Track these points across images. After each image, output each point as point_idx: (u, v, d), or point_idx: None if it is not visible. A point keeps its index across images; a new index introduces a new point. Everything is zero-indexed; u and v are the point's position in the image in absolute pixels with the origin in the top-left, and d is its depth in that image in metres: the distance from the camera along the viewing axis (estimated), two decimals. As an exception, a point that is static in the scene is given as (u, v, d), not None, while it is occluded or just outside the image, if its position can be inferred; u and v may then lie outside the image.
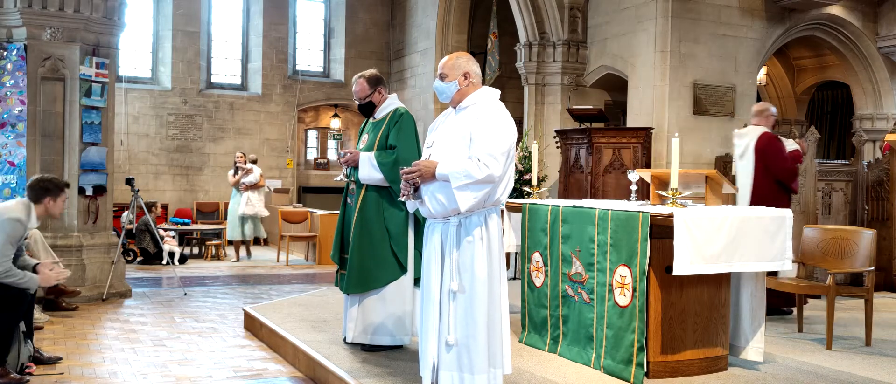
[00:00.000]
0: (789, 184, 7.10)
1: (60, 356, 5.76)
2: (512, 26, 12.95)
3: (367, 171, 5.27)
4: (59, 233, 8.36)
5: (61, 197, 5.46)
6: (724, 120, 10.65)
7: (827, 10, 11.61)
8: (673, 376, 4.74)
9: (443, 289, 3.93)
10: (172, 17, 16.12)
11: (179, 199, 16.23)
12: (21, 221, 5.17)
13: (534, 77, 12.18)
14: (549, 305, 5.43)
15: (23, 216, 5.20)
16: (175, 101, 16.20)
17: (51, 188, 5.40)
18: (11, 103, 8.26)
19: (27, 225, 5.24)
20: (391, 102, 5.50)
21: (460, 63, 3.99)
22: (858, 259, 5.99)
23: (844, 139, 15.09)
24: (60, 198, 5.45)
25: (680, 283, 4.72)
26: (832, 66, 13.81)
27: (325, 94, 17.65)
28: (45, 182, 5.43)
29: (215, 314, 7.90)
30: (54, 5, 8.29)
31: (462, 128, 3.90)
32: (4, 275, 5.04)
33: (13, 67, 8.27)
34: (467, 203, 3.76)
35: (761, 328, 5.07)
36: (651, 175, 5.51)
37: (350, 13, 17.55)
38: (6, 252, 5.05)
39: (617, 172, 9.74)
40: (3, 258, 5.03)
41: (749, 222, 4.71)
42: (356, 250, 5.34)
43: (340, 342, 5.66)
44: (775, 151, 7.05)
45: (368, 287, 5.33)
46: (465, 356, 3.85)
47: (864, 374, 5.02)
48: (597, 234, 4.95)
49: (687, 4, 10.39)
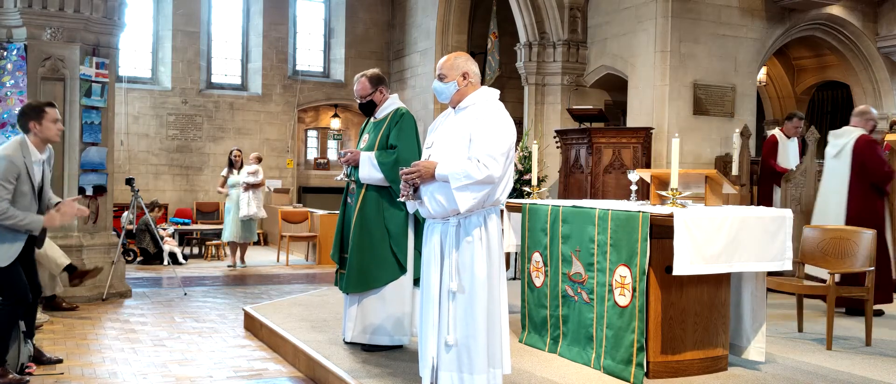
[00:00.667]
0: (884, 186, 7.34)
1: (61, 357, 5.72)
2: (512, 26, 12.95)
3: (367, 170, 5.27)
4: (59, 232, 8.36)
5: (46, 117, 5.08)
6: (724, 120, 10.65)
7: (827, 10, 11.61)
8: (673, 376, 4.74)
9: (442, 290, 3.93)
10: (172, 17, 16.12)
11: (179, 199, 16.23)
12: (10, 158, 4.91)
13: (534, 77, 12.18)
14: (548, 305, 5.43)
15: (13, 152, 4.96)
16: (175, 101, 16.20)
17: (28, 111, 5.09)
18: (11, 103, 8.26)
19: (23, 160, 4.97)
20: (392, 102, 5.50)
21: (459, 63, 3.99)
22: (858, 259, 5.98)
23: (844, 139, 15.07)
24: (45, 118, 5.08)
25: (680, 283, 4.72)
26: (832, 66, 13.81)
27: (325, 94, 17.65)
28: (23, 108, 5.15)
29: (215, 314, 7.90)
30: (54, 5, 8.29)
31: (462, 128, 3.90)
32: (3, 219, 4.85)
33: (13, 67, 8.26)
34: (467, 203, 3.76)
35: (762, 328, 5.07)
36: (651, 175, 5.51)
37: (350, 13, 17.55)
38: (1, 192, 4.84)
39: (617, 172, 9.74)
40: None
41: (749, 222, 4.71)
42: (356, 250, 5.33)
43: (340, 342, 5.65)
44: (874, 155, 7.25)
45: (368, 287, 5.33)
46: (465, 356, 3.85)
47: (864, 374, 5.02)
48: (597, 234, 4.95)
49: (687, 4, 10.39)
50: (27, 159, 4.99)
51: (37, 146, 5.08)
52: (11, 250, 5.04)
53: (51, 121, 5.10)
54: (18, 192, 4.95)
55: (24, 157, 4.97)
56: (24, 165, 4.96)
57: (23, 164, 4.95)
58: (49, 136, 5.11)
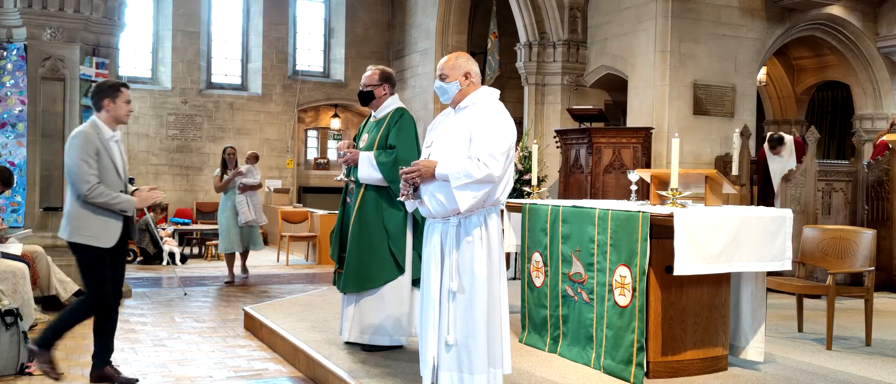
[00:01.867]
0: None
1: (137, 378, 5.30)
2: (512, 26, 12.95)
3: (366, 170, 5.27)
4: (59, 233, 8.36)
5: (120, 96, 4.97)
6: (724, 120, 10.65)
7: (827, 10, 11.61)
8: (673, 376, 4.74)
9: (442, 290, 3.93)
10: (172, 17, 16.11)
11: (179, 199, 16.23)
12: (84, 133, 4.81)
13: (534, 77, 12.18)
14: (548, 305, 5.43)
15: (88, 129, 4.85)
16: (175, 101, 16.20)
17: (105, 89, 4.97)
18: (11, 103, 8.26)
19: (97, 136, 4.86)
20: (392, 102, 5.50)
21: (460, 63, 4.00)
22: (858, 259, 5.99)
23: (844, 139, 15.09)
24: (119, 97, 4.96)
25: (680, 283, 4.72)
26: (832, 66, 13.81)
27: (325, 94, 17.65)
28: (98, 85, 5.02)
29: (215, 314, 7.90)
30: (54, 5, 8.29)
31: (462, 127, 3.90)
32: (95, 195, 4.72)
33: (13, 67, 8.27)
34: (467, 203, 3.76)
35: (761, 328, 5.07)
36: (651, 175, 5.51)
37: (350, 13, 17.55)
38: (84, 168, 4.72)
39: (617, 172, 9.74)
40: (85, 174, 4.70)
41: (749, 222, 4.71)
42: (354, 250, 5.33)
43: (340, 342, 5.65)
44: None
45: (366, 286, 5.33)
46: (465, 356, 3.85)
47: (864, 374, 5.02)
48: (597, 234, 4.95)
49: (687, 4, 10.39)
50: (101, 136, 4.89)
51: (108, 124, 4.98)
52: (112, 231, 4.90)
53: (124, 100, 5.02)
54: (102, 168, 4.83)
55: (97, 134, 4.88)
56: (99, 141, 4.85)
57: (98, 141, 4.85)
58: (120, 116, 5.01)
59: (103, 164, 4.84)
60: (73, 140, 4.83)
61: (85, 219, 4.82)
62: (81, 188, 4.74)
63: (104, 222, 4.86)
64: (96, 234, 4.84)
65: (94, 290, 4.93)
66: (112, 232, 4.90)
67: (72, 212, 4.85)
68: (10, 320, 5.30)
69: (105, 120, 4.95)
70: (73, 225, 4.84)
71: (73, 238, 4.85)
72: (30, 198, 8.32)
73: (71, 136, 4.88)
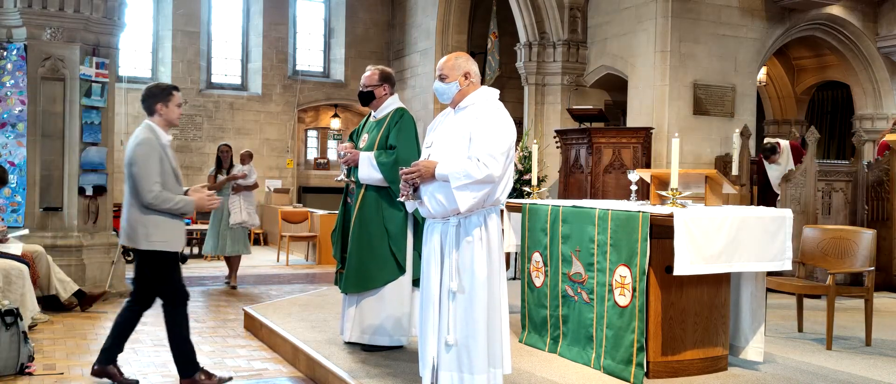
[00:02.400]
0: None
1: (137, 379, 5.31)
2: (512, 26, 12.94)
3: (366, 170, 5.27)
4: (59, 233, 8.37)
5: (172, 99, 5.00)
6: (724, 120, 10.65)
7: (827, 10, 11.61)
8: (673, 376, 4.74)
9: (442, 290, 3.93)
10: (172, 17, 16.12)
11: (179, 199, 16.21)
12: (148, 142, 4.82)
13: (534, 77, 12.18)
14: (548, 305, 5.43)
15: (148, 135, 4.85)
16: (175, 101, 16.17)
17: (157, 92, 4.98)
18: (11, 103, 8.26)
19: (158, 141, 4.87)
20: (392, 102, 5.50)
21: (460, 63, 4.00)
22: (858, 259, 5.99)
23: (844, 139, 15.09)
24: (171, 101, 4.99)
25: (680, 283, 4.72)
26: (832, 66, 13.81)
27: (325, 94, 17.65)
28: (150, 88, 5.02)
29: (215, 314, 7.90)
30: (54, 5, 8.29)
31: (462, 128, 3.90)
32: (160, 202, 4.76)
33: (13, 67, 8.27)
34: (467, 203, 3.76)
35: (761, 328, 5.07)
36: (651, 175, 5.51)
37: (350, 13, 17.55)
38: (151, 176, 4.76)
39: (617, 172, 9.74)
40: (150, 182, 4.74)
41: (749, 222, 4.70)
42: (355, 250, 5.33)
43: (340, 342, 5.65)
44: None
45: (366, 287, 5.33)
46: (465, 356, 3.85)
47: (864, 374, 5.02)
48: (597, 234, 4.95)
49: (687, 4, 10.39)
50: (160, 141, 4.91)
51: (162, 127, 4.99)
52: (179, 234, 4.97)
53: (176, 104, 5.04)
54: (163, 173, 4.86)
55: (157, 140, 4.89)
56: (159, 147, 4.88)
57: (159, 146, 4.88)
58: (172, 119, 5.04)
59: (164, 169, 4.87)
60: (138, 148, 4.81)
61: (153, 225, 4.84)
62: (147, 197, 4.77)
63: (171, 226, 4.91)
64: (166, 239, 4.89)
65: (171, 293, 4.96)
66: (179, 235, 4.98)
67: (137, 219, 4.85)
68: (10, 320, 5.30)
69: (159, 124, 4.98)
70: (141, 232, 4.85)
71: (145, 245, 4.86)
72: (30, 198, 8.32)
73: (135, 144, 4.84)
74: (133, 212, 4.85)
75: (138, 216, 4.84)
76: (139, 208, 4.84)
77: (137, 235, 4.85)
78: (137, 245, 4.87)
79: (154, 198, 4.78)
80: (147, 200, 4.78)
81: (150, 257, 4.91)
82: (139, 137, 4.88)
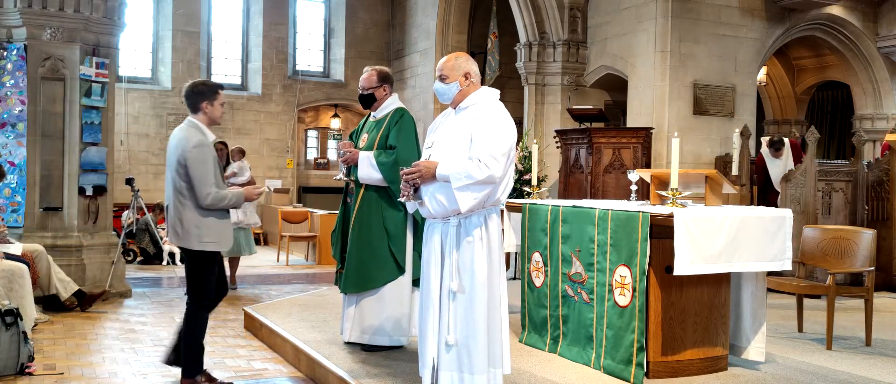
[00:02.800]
0: None
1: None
2: (512, 26, 12.94)
3: (366, 170, 5.26)
4: (59, 233, 8.36)
5: (217, 98, 5.00)
6: (724, 120, 10.65)
7: (827, 10, 11.61)
8: (673, 376, 4.73)
9: (442, 290, 3.93)
10: (172, 17, 16.11)
11: (179, 199, 16.21)
12: (203, 143, 4.83)
13: (534, 77, 12.18)
14: (548, 305, 5.43)
15: (200, 135, 4.86)
16: (175, 101, 16.18)
17: (203, 91, 4.97)
18: (11, 103, 8.26)
19: (208, 140, 4.90)
20: (392, 102, 5.50)
21: (460, 63, 4.00)
22: (858, 259, 5.98)
23: (844, 139, 15.09)
24: (216, 99, 4.99)
25: (680, 283, 4.72)
26: (832, 66, 13.81)
27: (325, 94, 17.65)
28: (196, 86, 5.00)
29: (215, 314, 7.88)
30: (54, 5, 8.28)
31: (462, 128, 3.90)
32: (215, 201, 4.79)
33: (13, 67, 8.27)
34: (468, 203, 3.76)
35: (762, 328, 5.07)
36: (651, 175, 5.51)
37: (350, 13, 17.55)
38: (208, 177, 4.76)
39: (617, 172, 9.74)
40: (208, 184, 4.76)
41: (749, 222, 4.71)
42: (354, 250, 5.33)
43: (340, 342, 5.65)
44: None
45: (366, 287, 5.33)
46: (465, 356, 3.85)
47: (864, 374, 5.02)
48: (597, 234, 4.95)
49: (687, 4, 10.39)
50: (209, 140, 4.94)
51: (207, 125, 5.00)
52: (228, 235, 4.99)
53: (220, 103, 5.05)
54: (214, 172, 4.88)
55: (206, 138, 4.91)
56: (210, 145, 4.91)
57: (210, 145, 4.91)
58: (216, 117, 5.04)
59: (215, 168, 4.88)
60: (195, 150, 4.78)
61: (206, 227, 4.85)
62: (205, 199, 4.78)
63: (223, 226, 4.93)
64: (217, 240, 4.91)
65: (198, 295, 4.97)
66: (228, 236, 5.00)
67: (191, 220, 4.83)
68: (10, 320, 5.30)
69: (203, 121, 4.97)
70: (195, 233, 4.84)
71: (197, 246, 4.86)
72: (30, 197, 8.31)
73: (190, 146, 4.79)
74: (185, 212, 4.83)
75: (192, 217, 4.83)
76: (193, 209, 4.82)
77: (191, 236, 4.84)
78: (190, 245, 4.87)
79: (212, 200, 4.79)
80: (206, 203, 4.79)
81: (199, 257, 4.92)
82: (191, 138, 4.84)
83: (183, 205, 4.83)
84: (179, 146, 4.82)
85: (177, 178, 4.82)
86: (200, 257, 4.91)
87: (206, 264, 4.94)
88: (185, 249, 4.93)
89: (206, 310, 5.03)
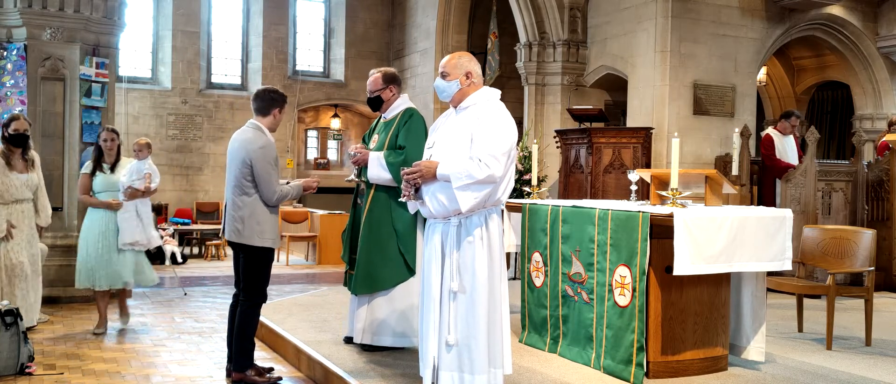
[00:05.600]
0: None
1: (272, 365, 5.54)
2: (512, 26, 12.94)
3: (375, 170, 5.28)
4: (59, 233, 8.36)
5: (284, 108, 5.32)
6: (725, 120, 10.65)
7: (827, 10, 11.61)
8: (673, 376, 4.74)
9: (443, 290, 3.93)
10: (172, 17, 16.11)
11: (179, 199, 16.23)
12: (272, 145, 5.09)
13: (534, 77, 12.18)
14: (549, 305, 5.43)
15: (267, 138, 5.09)
16: (175, 101, 16.20)
17: (278, 98, 5.24)
18: (11, 103, 8.26)
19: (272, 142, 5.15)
20: (402, 102, 5.51)
21: (462, 62, 4.00)
22: (858, 259, 5.99)
23: (844, 139, 15.09)
24: (284, 110, 5.31)
25: (680, 283, 4.72)
26: (832, 66, 13.81)
27: (325, 94, 17.65)
28: (271, 92, 5.24)
29: (215, 314, 7.90)
30: (54, 5, 8.29)
31: (463, 128, 3.90)
32: (279, 199, 5.04)
33: (13, 67, 8.27)
34: (468, 203, 3.76)
35: (762, 328, 5.07)
36: (651, 175, 5.51)
37: (350, 13, 17.55)
38: (274, 176, 5.02)
39: (617, 172, 9.74)
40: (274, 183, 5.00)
41: (749, 222, 4.71)
42: (364, 251, 5.34)
43: (341, 342, 5.66)
44: None
45: (376, 288, 5.33)
46: (466, 356, 3.85)
47: (864, 374, 5.02)
48: (597, 234, 4.95)
49: (687, 4, 10.39)
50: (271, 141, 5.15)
51: (270, 129, 5.21)
52: (277, 232, 5.17)
53: (283, 112, 5.33)
54: None
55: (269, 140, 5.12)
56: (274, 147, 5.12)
57: (274, 146, 5.12)
58: (277, 125, 5.31)
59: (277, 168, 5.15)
60: (262, 151, 4.99)
61: (266, 223, 5.05)
62: (271, 198, 5.01)
63: (274, 223, 5.13)
64: (273, 237, 5.11)
65: (253, 292, 5.11)
66: (277, 232, 5.19)
67: (252, 216, 5.01)
68: (10, 320, 5.31)
69: (269, 125, 5.19)
70: (256, 230, 5.02)
71: (258, 242, 5.03)
72: (30, 198, 8.31)
73: (258, 147, 5.00)
74: (247, 210, 5.00)
75: (255, 212, 5.00)
76: (256, 206, 5.00)
77: (252, 233, 5.01)
78: (250, 242, 5.03)
79: (278, 198, 5.03)
80: (272, 200, 5.03)
81: (258, 253, 5.07)
82: (256, 140, 5.05)
83: (245, 203, 5.00)
84: (244, 147, 5.04)
85: (240, 177, 5.01)
86: (260, 254, 5.08)
87: (265, 261, 5.13)
88: (243, 247, 5.07)
89: (259, 307, 5.19)
